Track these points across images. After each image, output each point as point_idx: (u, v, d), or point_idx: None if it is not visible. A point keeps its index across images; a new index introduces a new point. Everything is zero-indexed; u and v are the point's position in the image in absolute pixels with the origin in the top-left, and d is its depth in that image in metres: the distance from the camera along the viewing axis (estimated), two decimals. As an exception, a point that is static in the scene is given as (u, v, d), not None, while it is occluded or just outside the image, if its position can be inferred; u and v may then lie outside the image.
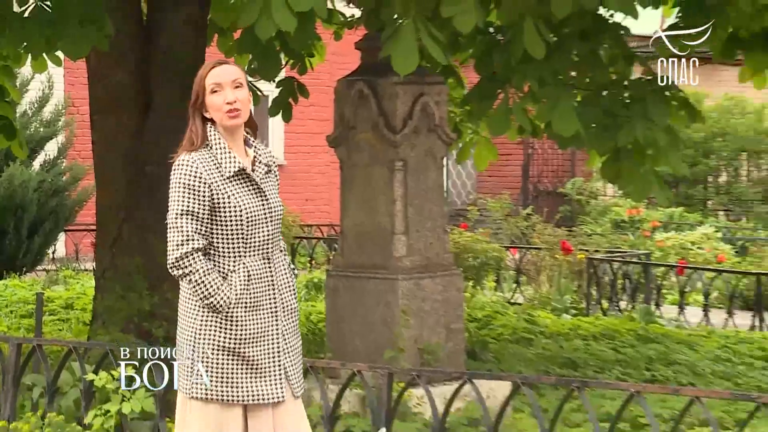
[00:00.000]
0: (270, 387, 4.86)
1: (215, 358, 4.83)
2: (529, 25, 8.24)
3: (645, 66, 9.80)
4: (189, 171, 4.86)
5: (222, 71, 4.93)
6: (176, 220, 4.85)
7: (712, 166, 25.79)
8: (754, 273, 14.62)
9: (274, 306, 4.90)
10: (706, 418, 5.88)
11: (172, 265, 4.87)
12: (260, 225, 4.89)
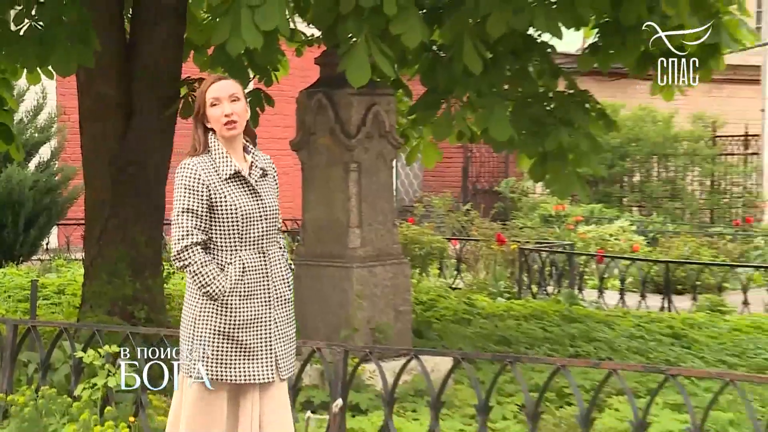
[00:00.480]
0: (260, 369, 4.86)
1: (211, 341, 4.84)
2: (468, 44, 8.27)
3: (568, 80, 9.82)
4: (189, 173, 4.87)
5: (220, 86, 4.94)
6: (178, 217, 4.87)
7: (627, 168, 25.91)
8: (663, 261, 14.70)
9: (267, 296, 4.90)
10: (622, 388, 5.90)
11: (174, 257, 4.90)
12: (255, 222, 4.90)
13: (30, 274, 14.78)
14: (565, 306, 12.48)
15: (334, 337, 7.85)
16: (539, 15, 8.50)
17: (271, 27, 7.35)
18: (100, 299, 9.21)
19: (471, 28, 8.40)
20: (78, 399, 7.01)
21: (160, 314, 9.42)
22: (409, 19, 7.67)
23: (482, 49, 8.36)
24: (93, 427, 6.81)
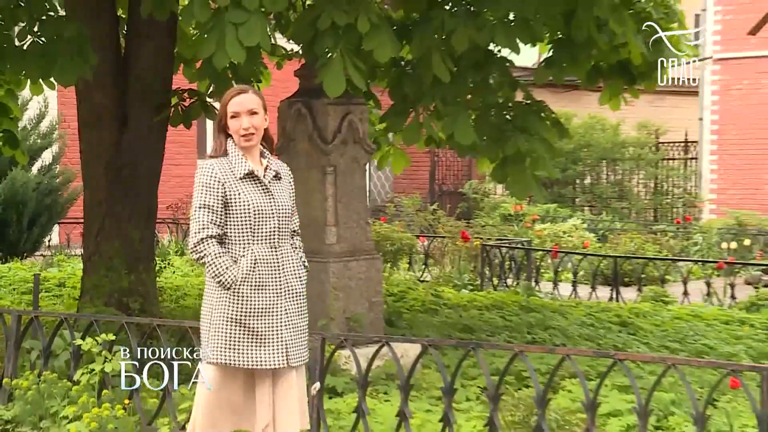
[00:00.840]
0: (270, 355, 4.83)
1: (225, 328, 4.81)
2: (437, 57, 8.29)
3: (525, 91, 9.84)
4: (207, 172, 4.88)
5: (240, 101, 4.94)
6: (195, 212, 4.87)
7: (579, 171, 26.00)
8: (611, 256, 14.75)
9: (279, 288, 4.89)
10: (574, 372, 5.90)
11: (190, 249, 4.91)
12: (267, 218, 4.89)
13: (33, 268, 14.75)
14: (523, 297, 12.50)
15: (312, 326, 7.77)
16: (499, 32, 8.53)
17: (254, 43, 7.33)
18: (98, 291, 9.19)
19: (438, 43, 8.41)
20: (77, 383, 7.01)
21: (152, 305, 9.40)
22: (380, 36, 7.68)
23: (448, 62, 8.38)
24: (91, 408, 6.78)
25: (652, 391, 5.56)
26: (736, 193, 22.99)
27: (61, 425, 6.88)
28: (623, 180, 26.21)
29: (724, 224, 20.61)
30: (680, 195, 25.68)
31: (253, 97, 4.99)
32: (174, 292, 11.92)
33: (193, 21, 7.95)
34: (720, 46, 23.45)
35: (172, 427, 6.60)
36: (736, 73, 23.18)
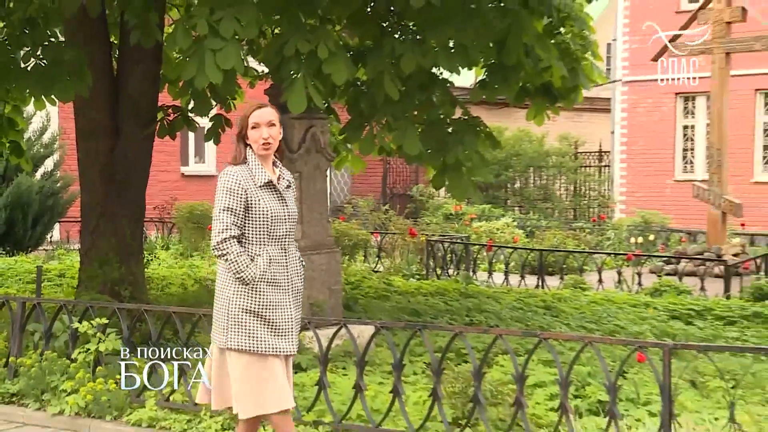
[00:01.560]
0: (287, 344, 4.79)
1: (243, 318, 4.73)
2: (387, 78, 8.30)
3: (463, 108, 9.87)
4: (231, 179, 4.78)
5: (261, 113, 4.88)
6: (219, 214, 4.76)
7: (510, 177, 26.13)
8: (537, 249, 14.80)
9: (287, 285, 4.83)
10: (506, 349, 5.91)
11: (213, 248, 4.80)
12: (281, 223, 4.81)
13: (36, 261, 14.68)
14: (462, 285, 12.52)
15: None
16: (441, 57, 8.58)
17: (229, 66, 7.33)
18: (93, 281, 9.15)
19: (389, 66, 8.43)
20: (75, 361, 7.01)
21: (141, 293, 9.34)
22: (337, 62, 7.70)
23: (397, 82, 8.39)
24: (87, 383, 6.77)
25: (572, 365, 5.59)
26: (642, 195, 23.17)
27: (61, 398, 6.86)
28: (547, 184, 26.38)
29: (632, 222, 20.78)
30: (595, 197, 25.86)
31: (271, 111, 4.94)
32: (160, 282, 11.85)
33: (177, 47, 7.91)
34: (628, 71, 23.64)
35: (157, 399, 6.55)
36: (642, 94, 23.37)
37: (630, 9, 23.59)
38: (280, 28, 8.48)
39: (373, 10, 9.15)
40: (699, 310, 10.91)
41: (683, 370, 6.82)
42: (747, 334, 9.68)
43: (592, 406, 6.36)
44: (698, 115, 22.73)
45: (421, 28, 8.77)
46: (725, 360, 7.57)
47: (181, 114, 10.36)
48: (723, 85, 16.10)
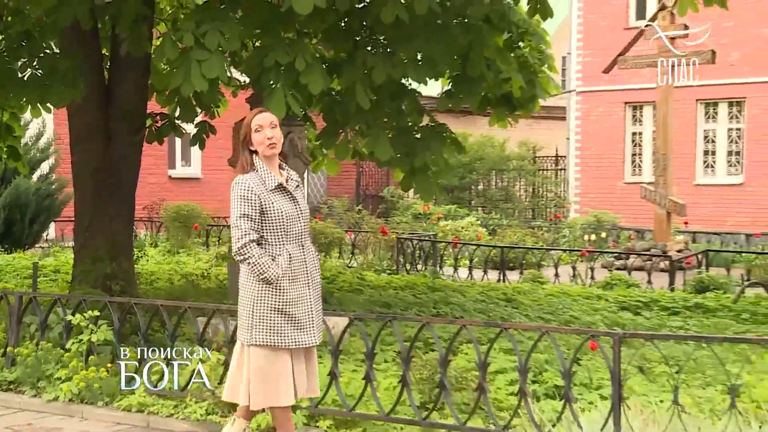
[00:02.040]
0: (307, 336, 4.79)
1: (269, 316, 4.71)
2: (360, 88, 8.29)
3: (430, 116, 9.88)
4: (244, 187, 4.73)
5: (262, 117, 4.83)
6: (237, 221, 4.72)
7: (473, 179, 26.19)
8: (499, 246, 14.84)
9: (306, 280, 4.81)
10: (470, 338, 5.92)
11: (235, 253, 4.76)
12: (295, 222, 4.78)
13: (33, 258, 14.56)
14: (430, 279, 12.54)
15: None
16: (410, 69, 8.59)
17: (214, 76, 7.30)
18: (86, 276, 9.07)
19: (361, 77, 8.42)
20: (68, 351, 6.95)
21: (131, 288, 9.27)
22: (314, 73, 7.69)
23: (369, 92, 8.38)
24: (80, 371, 6.72)
25: (530, 353, 5.60)
26: (594, 196, 23.28)
27: (55, 385, 6.81)
28: (508, 186, 26.44)
29: (585, 221, 20.87)
30: (552, 198, 25.96)
31: (271, 114, 4.91)
32: (149, 277, 11.78)
33: (164, 58, 7.86)
34: (581, 82, 23.74)
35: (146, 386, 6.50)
36: (594, 103, 23.47)
37: (583, 25, 23.69)
38: (261, 41, 8.45)
39: (347, 25, 9.15)
40: (646, 301, 10.97)
41: (632, 357, 6.85)
42: (689, 324, 9.74)
43: (548, 390, 6.37)
44: (645, 122, 22.86)
45: (391, 42, 8.77)
46: (670, 347, 7.61)
47: (169, 120, 10.32)
48: (667, 96, 16.21)
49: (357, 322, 6.18)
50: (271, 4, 8.69)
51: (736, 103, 21.71)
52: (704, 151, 22.20)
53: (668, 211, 16.17)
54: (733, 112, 21.85)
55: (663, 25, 16.11)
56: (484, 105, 9.92)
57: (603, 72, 17.82)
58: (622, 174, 23.23)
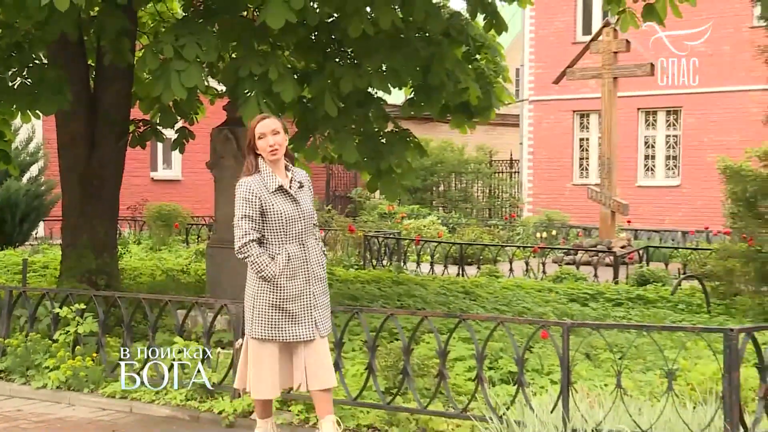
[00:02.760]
0: (303, 330, 4.70)
1: (267, 311, 4.66)
2: (328, 97, 8.26)
3: (395, 122, 9.87)
4: (246, 189, 4.66)
5: (265, 124, 4.73)
6: (238, 222, 4.65)
7: (435, 181, 26.22)
8: (458, 243, 14.88)
9: (307, 276, 4.73)
10: (431, 328, 5.91)
11: (236, 251, 4.69)
12: (295, 222, 4.69)
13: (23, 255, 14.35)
14: (394, 274, 12.53)
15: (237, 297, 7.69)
16: (375, 79, 8.58)
17: (192, 85, 7.25)
18: (73, 272, 8.97)
19: (330, 86, 8.39)
20: (56, 341, 6.88)
21: (115, 282, 9.18)
22: (285, 82, 7.66)
23: (337, 100, 8.36)
24: (67, 360, 6.65)
25: (487, 342, 5.60)
26: (546, 197, 23.41)
27: (44, 373, 6.74)
28: (467, 188, 26.51)
29: (537, 220, 20.99)
30: (507, 199, 26.06)
31: (274, 120, 4.80)
32: (132, 272, 11.67)
33: (146, 68, 7.80)
34: (533, 91, 23.86)
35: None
36: (545, 111, 23.60)
37: (535, 39, 23.81)
38: (236, 53, 8.41)
39: (316, 38, 9.13)
40: (592, 293, 11.06)
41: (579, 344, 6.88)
42: (631, 313, 9.83)
43: (503, 376, 6.39)
44: (592, 129, 23.02)
45: (357, 54, 8.76)
46: (614, 336, 7.66)
47: (151, 126, 10.24)
48: (611, 105, 16.34)
49: (326, 313, 6.15)
50: (246, 18, 8.66)
51: (673, 112, 21.92)
52: (645, 155, 22.40)
53: (612, 211, 16.29)
54: (670, 120, 22.06)
55: (607, 40, 16.24)
56: (444, 112, 9.93)
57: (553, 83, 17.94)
58: (570, 176, 23.38)
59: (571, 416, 4.86)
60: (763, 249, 9.43)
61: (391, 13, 7.96)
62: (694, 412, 4.89)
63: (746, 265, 9.57)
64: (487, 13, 9.13)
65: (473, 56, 9.93)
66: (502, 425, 5.01)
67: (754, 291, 9.51)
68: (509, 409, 5.15)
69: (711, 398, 5.03)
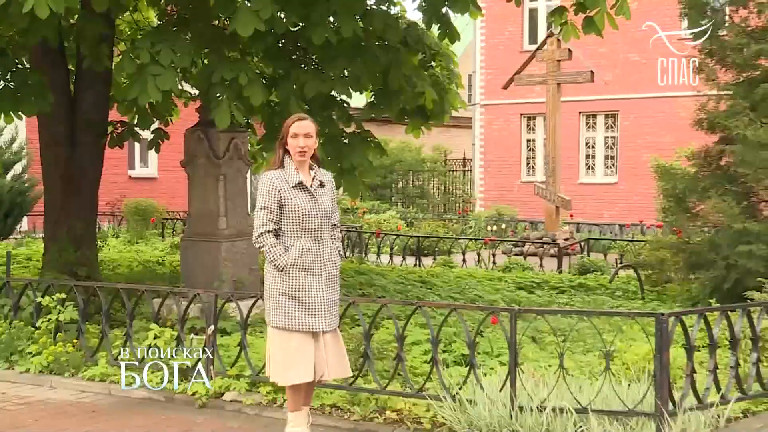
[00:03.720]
0: (317, 321, 4.51)
1: (280, 300, 4.51)
2: (294, 101, 8.26)
3: (357, 124, 9.85)
4: (267, 181, 4.53)
5: (300, 125, 4.57)
6: (257, 213, 4.52)
7: (394, 178, 26.24)
8: (416, 236, 14.92)
9: (320, 271, 4.54)
10: (390, 315, 5.92)
11: (253, 241, 4.57)
12: (312, 218, 4.54)
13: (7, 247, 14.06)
14: (357, 264, 12.52)
15: (209, 286, 7.66)
16: (337, 84, 8.58)
17: (167, 88, 7.19)
18: (54, 264, 8.82)
19: (296, 91, 8.37)
20: (39, 328, 6.80)
21: (94, 273, 9.05)
22: (255, 87, 7.63)
23: (302, 104, 8.34)
24: (49, 346, 6.58)
25: (441, 327, 5.63)
26: (496, 193, 23.53)
27: (27, 359, 6.66)
28: (423, 185, 26.56)
29: (488, 214, 21.08)
30: (461, 195, 26.16)
31: (309, 123, 4.62)
32: (111, 264, 11.53)
33: (124, 73, 7.71)
34: (484, 96, 23.95)
35: (108, 359, 6.38)
36: (495, 114, 23.72)
37: (485, 48, 23.90)
38: (209, 59, 8.34)
39: (283, 46, 9.09)
40: (538, 282, 11.14)
41: (526, 329, 6.94)
42: (573, 300, 9.91)
43: (456, 358, 6.42)
44: (537, 131, 23.18)
45: (321, 60, 8.75)
46: (557, 320, 7.72)
47: (128, 127, 10.12)
48: (555, 108, 16.46)
49: (292, 301, 6.13)
50: (217, 27, 8.60)
51: (611, 115, 22.14)
52: (585, 155, 22.61)
53: (556, 206, 16.43)
54: (608, 122, 22.29)
55: (551, 49, 16.35)
56: (402, 115, 9.95)
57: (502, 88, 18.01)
58: (518, 174, 23.52)
59: (518, 394, 4.91)
60: (691, 241, 9.57)
61: (352, 22, 7.95)
62: (628, 389, 4.96)
63: (676, 255, 9.70)
64: (441, 23, 9.15)
65: (429, 63, 9.96)
66: (455, 403, 5.04)
67: (683, 279, 9.64)
68: (462, 388, 5.18)
69: (644, 376, 5.10)
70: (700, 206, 9.44)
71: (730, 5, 9.65)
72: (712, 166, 9.59)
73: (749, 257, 8.29)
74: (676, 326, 4.87)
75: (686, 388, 4.86)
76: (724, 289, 8.49)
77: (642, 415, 4.70)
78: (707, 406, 4.91)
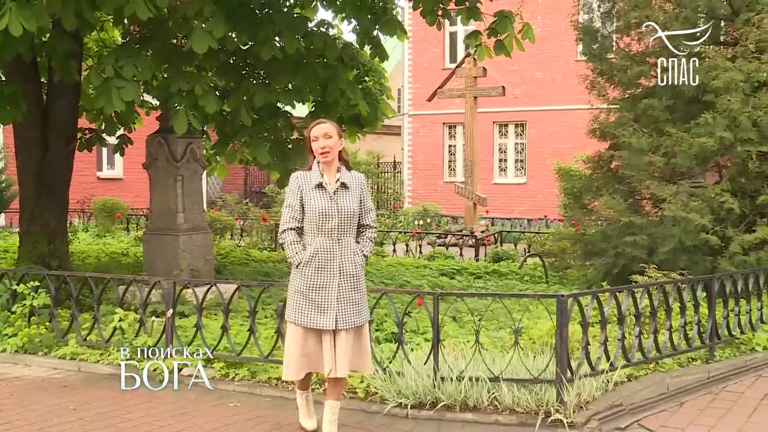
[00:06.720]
0: (327, 320, 4.09)
1: (294, 296, 4.17)
2: (244, 110, 8.20)
3: (300, 131, 9.80)
4: (293, 181, 4.23)
5: (318, 128, 4.25)
6: (284, 210, 4.23)
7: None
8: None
9: (336, 270, 4.12)
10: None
11: (278, 236, 4.30)
12: (329, 218, 4.12)
13: (-15, 241, 13.66)
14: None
15: (169, 274, 7.54)
16: (282, 95, 8.56)
17: (130, 99, 7.04)
18: (29, 255, 8.57)
19: (245, 101, 8.28)
20: (14, 313, 6.63)
21: (65, 263, 8.81)
22: (209, 98, 7.54)
23: (251, 113, 8.28)
24: (24, 329, 6.41)
25: (373, 308, 5.64)
26: (423, 192, 23.69)
27: (4, 340, 6.49)
28: (359, 184, 26.50)
29: (416, 210, 21.20)
30: (392, 193, 26.23)
31: (327, 125, 4.29)
32: (80, 255, 11.26)
33: (91, 85, 7.51)
34: (412, 107, 24.07)
35: (77, 339, 6.23)
36: (421, 123, 23.85)
37: (412, 66, 24.01)
38: (167, 73, 8.20)
39: (234, 61, 9.02)
40: (458, 269, 11.24)
41: (447, 309, 7.01)
42: (488, 284, 10.03)
43: (387, 336, 6.44)
44: (458, 138, 23.40)
45: (268, 75, 8.69)
46: (474, 302, 7.81)
47: (96, 134, 9.90)
48: (473, 119, 16.64)
49: (243, 287, 6.08)
50: (175, 45, 8.47)
51: (520, 125, 22.49)
52: (499, 159, 22.92)
53: (474, 203, 16.62)
54: (518, 131, 22.63)
55: (468, 67, 16.51)
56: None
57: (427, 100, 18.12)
58: (441, 175, 23.71)
59: (440, 367, 4.96)
60: (587, 232, 9.78)
61: (295, 42, 7.93)
62: (534, 360, 5.06)
63: (574, 245, 9.91)
64: (373, 44, 9.20)
65: (362, 78, 9.97)
66: (386, 375, 5.07)
67: (581, 265, 9.85)
68: (391, 362, 5.21)
69: (547, 349, 5.21)
70: (594, 203, 9.66)
71: (617, 33, 9.92)
72: (604, 169, 9.83)
73: (634, 246, 8.52)
74: (574, 306, 4.99)
75: (582, 358, 4.98)
76: (614, 274, 8.70)
77: (545, 382, 4.80)
78: (599, 372, 5.04)
